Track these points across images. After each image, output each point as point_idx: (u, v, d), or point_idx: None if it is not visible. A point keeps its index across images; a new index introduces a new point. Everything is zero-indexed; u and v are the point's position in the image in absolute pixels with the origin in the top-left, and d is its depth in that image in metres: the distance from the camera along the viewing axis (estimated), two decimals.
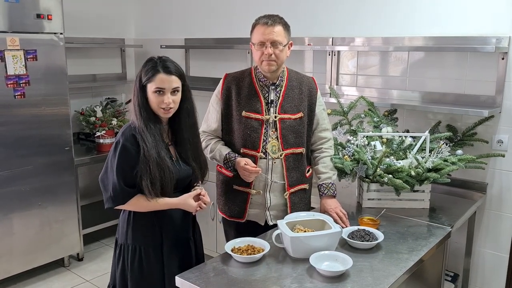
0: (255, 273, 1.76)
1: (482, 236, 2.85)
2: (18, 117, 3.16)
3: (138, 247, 2.00)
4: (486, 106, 2.67)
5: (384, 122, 2.79)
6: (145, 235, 2.00)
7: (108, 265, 3.70)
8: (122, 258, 2.03)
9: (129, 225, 2.01)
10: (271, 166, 2.22)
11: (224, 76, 2.30)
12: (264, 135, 2.20)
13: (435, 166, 2.38)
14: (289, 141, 2.22)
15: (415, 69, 2.96)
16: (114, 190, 1.90)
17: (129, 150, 1.89)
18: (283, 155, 2.22)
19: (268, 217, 2.28)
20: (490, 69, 2.67)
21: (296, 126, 2.23)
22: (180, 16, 4.22)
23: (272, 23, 2.10)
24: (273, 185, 2.25)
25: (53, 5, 3.25)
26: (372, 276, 1.75)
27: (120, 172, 1.89)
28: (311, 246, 1.85)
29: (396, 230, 2.20)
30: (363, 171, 2.40)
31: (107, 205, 1.95)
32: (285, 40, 2.14)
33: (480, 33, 2.66)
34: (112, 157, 1.92)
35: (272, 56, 2.11)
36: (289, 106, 2.22)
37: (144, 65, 1.95)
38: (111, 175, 1.92)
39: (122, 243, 2.04)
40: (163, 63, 1.92)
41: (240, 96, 2.22)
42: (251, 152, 2.21)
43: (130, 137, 1.90)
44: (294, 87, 2.25)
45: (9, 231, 3.22)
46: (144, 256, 2.00)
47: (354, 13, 3.14)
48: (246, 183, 2.24)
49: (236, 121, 2.23)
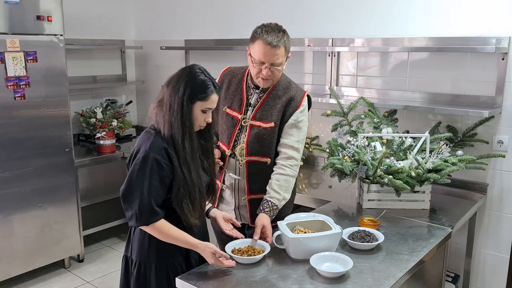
0: (255, 275, 1.76)
1: (482, 237, 2.85)
2: (18, 118, 3.16)
3: (164, 265, 1.87)
4: (486, 106, 2.67)
5: (384, 123, 2.79)
6: (172, 252, 1.87)
7: (108, 266, 3.71)
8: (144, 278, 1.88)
9: (151, 243, 1.85)
10: (237, 167, 2.23)
11: (225, 68, 2.33)
12: (236, 135, 2.21)
13: (436, 166, 2.38)
14: (254, 149, 2.18)
15: (415, 69, 2.96)
16: (141, 208, 1.73)
17: (161, 166, 1.74)
18: (245, 161, 2.20)
19: (237, 216, 2.29)
20: (490, 69, 2.67)
21: (266, 135, 2.16)
22: (180, 17, 4.22)
23: (276, 45, 2.00)
24: (240, 187, 2.24)
25: (53, 7, 3.25)
26: (373, 277, 1.75)
27: (152, 190, 1.73)
28: (311, 247, 1.85)
29: (397, 231, 2.19)
30: (363, 172, 2.39)
31: (131, 223, 1.79)
32: (284, 59, 2.09)
33: (480, 34, 2.66)
34: (139, 172, 1.73)
35: (269, 76, 2.08)
36: (264, 114, 2.17)
37: (192, 79, 1.78)
38: (137, 191, 1.73)
39: (141, 262, 1.88)
40: (212, 81, 1.82)
41: (228, 91, 2.25)
42: (224, 147, 2.26)
43: (163, 151, 1.74)
44: (277, 96, 2.16)
45: (10, 233, 3.21)
46: (170, 273, 1.87)
47: (354, 14, 3.14)
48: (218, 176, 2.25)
49: (220, 114, 2.26)
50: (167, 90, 1.79)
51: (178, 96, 1.75)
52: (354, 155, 2.46)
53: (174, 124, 1.75)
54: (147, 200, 1.72)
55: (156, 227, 1.77)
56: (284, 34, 2.05)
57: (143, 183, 1.72)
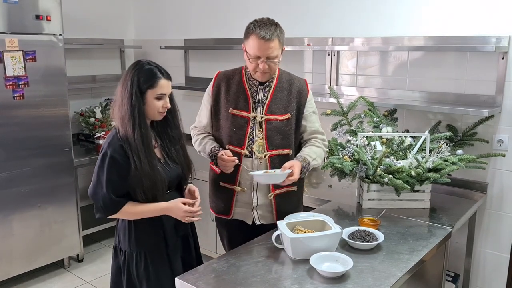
0: (255, 274, 1.75)
1: (482, 236, 2.84)
2: (17, 118, 3.15)
3: (143, 253, 1.98)
4: (486, 105, 2.66)
5: (384, 122, 2.78)
6: (149, 239, 1.99)
7: (107, 266, 3.68)
8: (127, 266, 2.01)
9: (131, 232, 1.98)
10: (256, 165, 2.22)
11: (216, 74, 2.32)
12: (250, 134, 2.20)
13: (436, 166, 2.38)
14: (274, 142, 2.21)
15: (415, 69, 2.96)
16: (104, 201, 1.88)
17: (117, 162, 1.86)
18: (268, 156, 2.21)
19: (255, 217, 2.28)
20: (490, 68, 2.67)
21: (283, 127, 2.21)
22: (180, 17, 4.21)
23: (269, 38, 2.03)
24: (260, 185, 2.24)
25: (52, 6, 3.24)
26: (373, 276, 1.74)
27: (110, 184, 1.87)
28: (311, 247, 1.84)
29: (397, 230, 2.19)
30: (363, 172, 2.39)
31: (97, 215, 1.93)
32: (280, 52, 2.12)
33: (480, 33, 2.66)
34: (99, 169, 1.89)
35: (266, 69, 2.11)
36: (276, 107, 2.21)
37: (138, 70, 1.88)
38: (99, 187, 1.89)
39: (125, 250, 2.00)
40: (159, 68, 1.91)
41: (229, 93, 2.24)
42: (236, 149, 2.22)
43: (119, 148, 1.86)
44: (284, 89, 2.23)
45: (9, 233, 3.21)
46: (150, 260, 1.98)
47: (353, 13, 3.14)
48: (231, 180, 2.24)
49: (224, 118, 2.24)
50: (118, 89, 1.90)
51: (127, 90, 1.85)
52: (354, 155, 2.45)
53: (125, 118, 1.85)
54: (107, 194, 1.86)
55: (124, 211, 1.90)
56: (276, 27, 2.09)
57: (103, 179, 1.87)
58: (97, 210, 1.93)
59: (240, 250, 1.97)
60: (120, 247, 2.03)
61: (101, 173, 1.88)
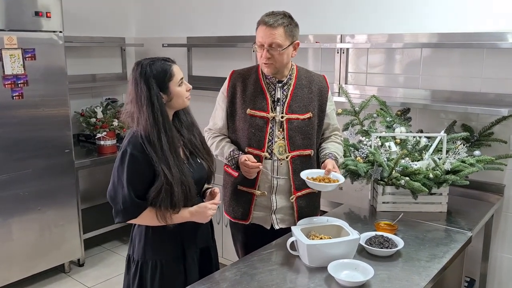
0: (269, 283, 1.66)
1: (499, 240, 2.75)
2: (16, 118, 3.07)
3: (159, 262, 1.87)
4: (503, 104, 2.57)
5: (397, 122, 2.69)
6: (166, 248, 1.87)
7: (110, 270, 3.62)
8: (139, 276, 1.89)
9: (148, 240, 1.87)
10: (276, 167, 2.13)
11: (231, 73, 2.23)
12: (270, 135, 2.11)
13: (454, 167, 2.28)
14: (296, 143, 2.12)
15: (428, 67, 2.86)
16: (124, 203, 1.76)
17: (138, 159, 1.74)
18: (290, 157, 2.12)
19: (274, 221, 2.19)
20: (507, 66, 2.57)
21: (305, 127, 2.13)
22: (182, 14, 4.13)
23: (273, 24, 1.98)
24: (279, 187, 2.15)
25: (52, 2, 3.16)
26: (395, 286, 1.65)
27: (131, 183, 1.74)
28: (328, 254, 1.75)
29: (415, 235, 2.09)
30: (378, 174, 2.30)
31: (117, 220, 1.81)
32: (286, 42, 2.02)
33: (496, 29, 2.57)
34: (119, 168, 1.78)
35: (269, 59, 2.03)
36: (297, 106, 2.12)
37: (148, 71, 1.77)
38: (119, 188, 1.77)
39: (139, 259, 1.89)
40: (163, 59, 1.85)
41: (245, 93, 2.14)
42: (256, 152, 2.12)
43: (139, 145, 1.75)
44: (304, 86, 2.15)
45: (8, 237, 3.13)
46: (166, 270, 1.87)
47: (363, 10, 3.04)
48: (250, 184, 2.15)
49: (241, 119, 2.15)
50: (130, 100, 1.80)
51: (144, 97, 1.75)
52: (368, 156, 2.36)
53: (149, 117, 1.75)
54: (128, 194, 1.74)
55: (144, 216, 1.79)
56: (284, 17, 2.04)
57: (123, 178, 1.75)
58: (116, 213, 1.81)
59: (253, 257, 1.88)
60: (134, 257, 1.92)
61: (121, 172, 1.76)
